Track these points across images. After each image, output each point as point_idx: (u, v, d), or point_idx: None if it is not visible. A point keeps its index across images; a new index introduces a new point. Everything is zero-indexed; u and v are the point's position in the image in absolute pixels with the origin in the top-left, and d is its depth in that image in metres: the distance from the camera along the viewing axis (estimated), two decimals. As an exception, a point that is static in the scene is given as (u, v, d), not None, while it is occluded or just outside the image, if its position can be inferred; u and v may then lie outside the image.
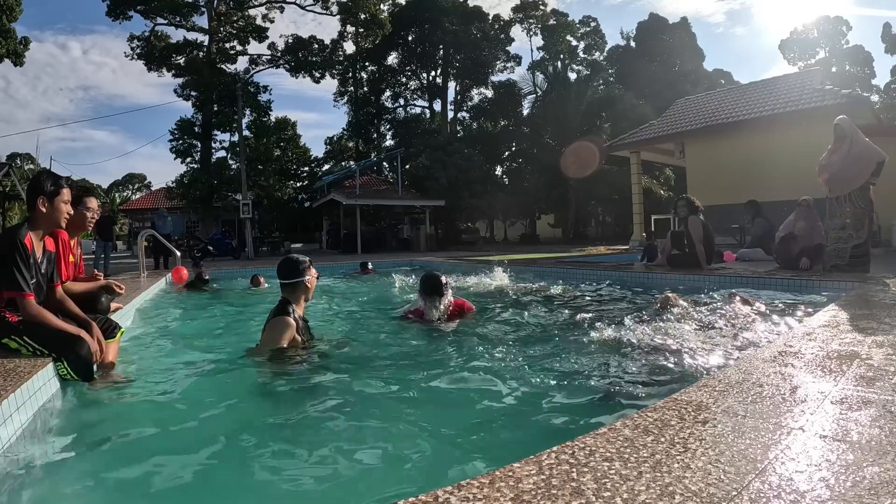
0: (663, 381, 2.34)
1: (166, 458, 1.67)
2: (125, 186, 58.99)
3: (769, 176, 11.01)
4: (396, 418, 1.98)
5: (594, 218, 34.95)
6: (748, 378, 1.71)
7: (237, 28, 23.75)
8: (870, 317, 2.79)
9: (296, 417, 2.05)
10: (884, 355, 1.97)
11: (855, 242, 5.27)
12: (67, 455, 1.72)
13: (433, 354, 2.98)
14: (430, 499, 0.94)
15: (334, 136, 36.86)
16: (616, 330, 3.45)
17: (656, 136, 14.60)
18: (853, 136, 5.27)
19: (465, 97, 35.73)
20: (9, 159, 35.78)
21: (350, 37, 28.79)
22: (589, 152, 22.82)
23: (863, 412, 1.38)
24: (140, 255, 8.89)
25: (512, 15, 34.98)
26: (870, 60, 43.10)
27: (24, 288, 2.25)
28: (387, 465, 1.62)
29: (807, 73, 15.32)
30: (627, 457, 1.11)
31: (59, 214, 2.46)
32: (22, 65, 24.33)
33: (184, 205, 24.31)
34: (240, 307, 5.63)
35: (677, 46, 35.84)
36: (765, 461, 1.09)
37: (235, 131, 22.37)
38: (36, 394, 1.97)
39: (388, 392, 2.33)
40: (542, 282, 6.50)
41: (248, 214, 19.56)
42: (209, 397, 2.29)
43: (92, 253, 12.82)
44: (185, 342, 3.61)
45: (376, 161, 30.92)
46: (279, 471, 1.61)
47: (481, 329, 3.67)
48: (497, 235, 34.65)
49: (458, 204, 24.60)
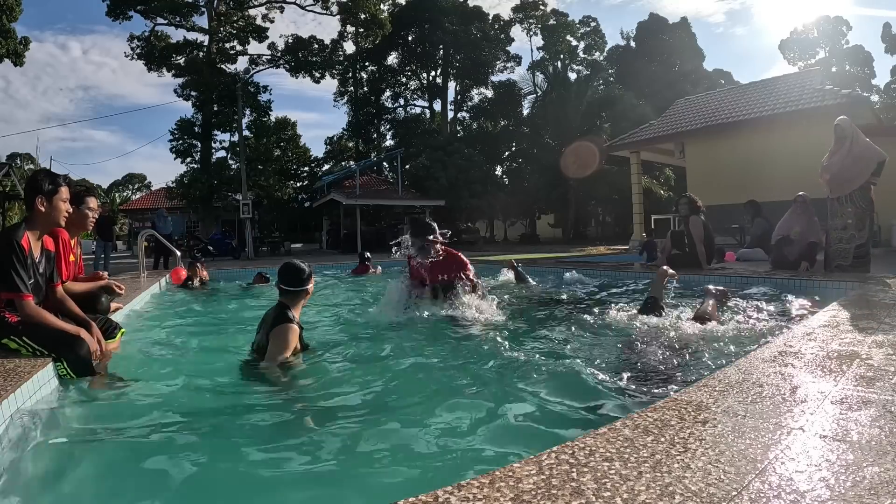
0: (663, 381, 2.34)
1: (166, 458, 1.67)
2: (125, 186, 59.00)
3: (769, 176, 11.02)
4: (396, 419, 1.98)
5: (594, 218, 34.95)
6: (748, 378, 1.71)
7: (237, 28, 23.76)
8: (870, 317, 2.79)
9: (295, 418, 2.04)
10: (884, 355, 1.97)
11: (857, 242, 5.27)
12: (67, 455, 1.72)
13: (431, 355, 2.98)
14: (430, 499, 0.94)
15: (334, 136, 36.90)
16: (616, 329, 3.45)
17: (656, 136, 14.60)
18: (854, 137, 5.27)
19: (465, 97, 35.74)
20: (9, 159, 35.81)
21: (350, 37, 28.83)
22: (589, 152, 22.83)
23: (863, 412, 1.38)
24: (140, 255, 8.89)
25: (512, 15, 35.02)
26: (870, 60, 43.11)
27: (22, 289, 2.25)
28: (387, 466, 1.62)
29: (807, 73, 15.32)
30: (627, 457, 1.11)
31: (59, 213, 2.45)
32: (22, 65, 24.33)
33: (184, 205, 24.31)
34: (240, 307, 5.63)
35: (677, 46, 35.84)
36: (765, 461, 1.09)
37: (235, 131, 22.38)
38: (36, 394, 1.97)
39: (388, 392, 2.33)
40: (542, 281, 6.50)
41: (248, 214, 19.56)
42: (209, 397, 2.29)
43: (92, 253, 12.83)
44: (186, 342, 3.60)
45: (376, 161, 30.92)
46: (279, 471, 1.61)
47: (480, 329, 3.67)
48: (497, 235, 34.64)
49: (458, 204, 24.60)
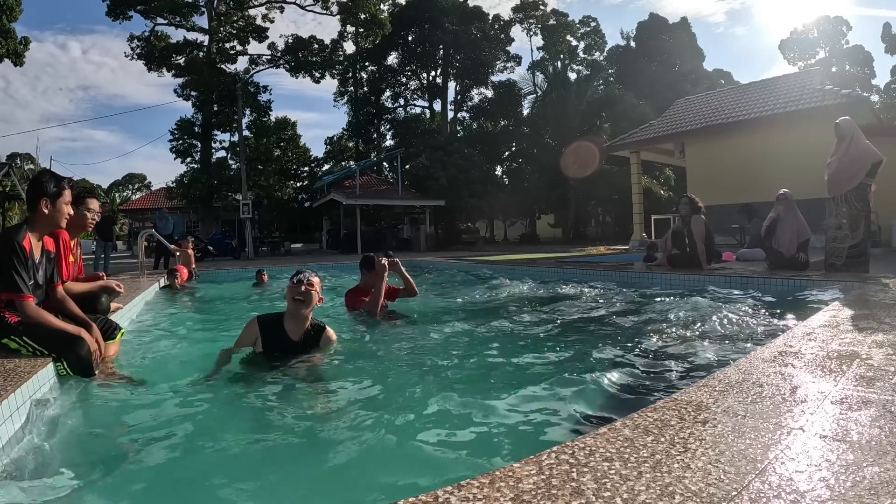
0: (663, 380, 2.34)
1: (166, 457, 1.68)
2: (125, 186, 58.98)
3: (769, 176, 11.02)
4: (395, 419, 1.98)
5: (594, 218, 34.95)
6: (748, 378, 1.71)
7: (237, 28, 23.74)
8: (870, 317, 2.79)
9: (295, 418, 2.04)
10: (884, 355, 1.97)
11: (851, 243, 5.28)
12: (67, 455, 1.72)
13: (431, 355, 2.98)
14: (430, 499, 0.94)
15: (334, 136, 36.83)
16: (616, 329, 3.46)
17: (656, 136, 14.60)
18: (853, 137, 5.28)
19: (465, 97, 35.70)
20: (9, 159, 35.76)
21: (350, 37, 28.79)
22: (589, 152, 22.83)
23: (863, 412, 1.38)
24: (140, 255, 8.91)
25: (512, 15, 34.97)
26: (870, 60, 43.07)
27: (23, 290, 2.25)
28: (387, 466, 1.62)
29: (807, 73, 15.33)
30: (627, 457, 1.11)
31: (61, 216, 2.46)
32: (22, 65, 24.31)
33: (184, 205, 24.30)
34: (240, 307, 5.63)
35: (677, 46, 35.81)
36: (765, 461, 1.09)
37: (235, 131, 22.36)
38: (36, 394, 1.97)
39: (387, 392, 2.33)
40: (541, 282, 6.50)
41: (248, 214, 19.55)
42: (209, 397, 2.29)
43: (92, 253, 12.83)
44: (185, 342, 3.61)
45: (376, 161, 30.89)
46: (279, 470, 1.61)
47: (480, 329, 3.68)
48: (497, 235, 34.64)
49: (458, 204, 24.58)
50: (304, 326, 2.76)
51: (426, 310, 4.84)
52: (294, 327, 2.74)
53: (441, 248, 21.73)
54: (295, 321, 2.74)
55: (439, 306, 5.23)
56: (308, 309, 2.73)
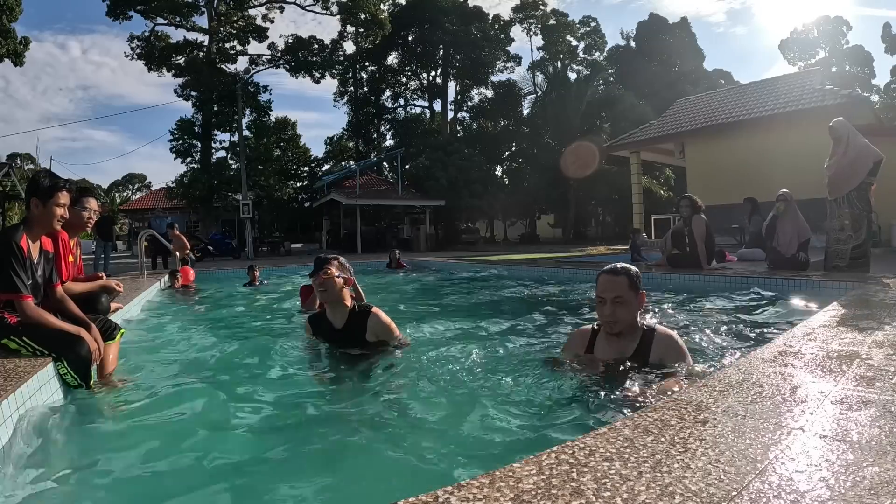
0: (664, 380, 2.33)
1: (166, 458, 1.67)
2: (125, 186, 59.03)
3: (769, 176, 11.03)
4: (396, 419, 1.98)
5: (594, 218, 34.94)
6: (748, 378, 1.71)
7: (237, 28, 23.75)
8: (870, 317, 2.79)
9: (293, 419, 2.04)
10: (884, 355, 1.97)
11: (854, 244, 5.28)
12: (67, 456, 1.72)
13: (430, 355, 2.98)
14: (430, 499, 0.94)
15: (334, 136, 36.81)
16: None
17: (656, 136, 14.61)
18: (850, 138, 5.28)
19: (465, 97, 35.68)
20: (9, 159, 35.79)
21: (350, 37, 28.82)
22: (589, 152, 22.83)
23: (863, 412, 1.38)
24: (140, 255, 8.91)
25: (512, 15, 34.94)
26: (870, 60, 43.08)
27: (22, 290, 2.25)
28: (387, 466, 1.62)
29: (807, 73, 15.34)
30: (627, 457, 1.11)
31: (52, 217, 2.40)
32: (22, 65, 24.26)
33: (184, 205, 24.30)
34: (238, 307, 5.63)
35: (677, 46, 35.80)
36: (765, 461, 1.09)
37: (235, 131, 22.36)
38: (36, 394, 1.97)
39: (386, 393, 2.33)
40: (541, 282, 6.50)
41: (248, 214, 19.54)
42: (208, 397, 2.29)
43: (92, 253, 12.82)
44: (186, 343, 3.60)
45: (376, 161, 30.90)
46: (278, 472, 1.61)
47: (479, 329, 3.67)
48: (497, 235, 34.64)
49: (458, 204, 24.59)
50: (344, 312, 2.81)
51: (426, 310, 4.84)
52: (335, 316, 2.83)
53: (441, 248, 21.73)
54: (333, 310, 2.83)
55: (439, 306, 5.24)
56: (337, 295, 2.78)
